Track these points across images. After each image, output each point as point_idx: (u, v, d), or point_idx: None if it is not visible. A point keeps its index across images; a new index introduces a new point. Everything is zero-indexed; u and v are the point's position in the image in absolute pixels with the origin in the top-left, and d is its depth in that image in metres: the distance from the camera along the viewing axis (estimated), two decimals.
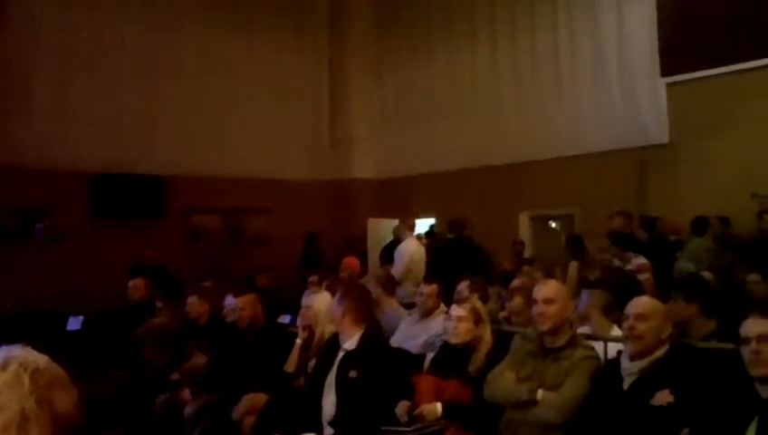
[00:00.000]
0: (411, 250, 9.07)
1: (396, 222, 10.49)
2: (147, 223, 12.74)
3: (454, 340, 4.35)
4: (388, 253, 10.01)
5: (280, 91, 14.50)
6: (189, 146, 13.25)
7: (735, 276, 6.99)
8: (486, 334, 4.38)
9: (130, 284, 7.41)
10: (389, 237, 10.78)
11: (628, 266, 7.86)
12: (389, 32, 15.26)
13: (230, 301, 5.96)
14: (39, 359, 1.54)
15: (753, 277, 6.45)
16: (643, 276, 7.64)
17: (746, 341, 2.99)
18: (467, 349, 4.32)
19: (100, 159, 12.46)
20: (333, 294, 5.00)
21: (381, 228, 12.50)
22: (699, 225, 9.15)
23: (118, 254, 10.73)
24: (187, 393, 5.75)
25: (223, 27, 13.82)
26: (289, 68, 14.79)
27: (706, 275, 6.40)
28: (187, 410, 5.53)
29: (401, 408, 4.20)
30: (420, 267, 8.83)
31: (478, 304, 4.54)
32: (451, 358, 4.37)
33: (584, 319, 4.72)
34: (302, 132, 14.92)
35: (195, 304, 6.50)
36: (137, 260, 9.48)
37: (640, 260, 7.91)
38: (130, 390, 6.04)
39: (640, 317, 3.55)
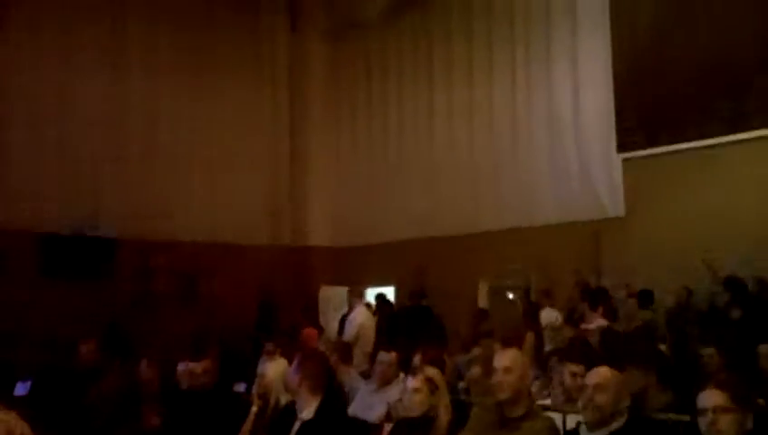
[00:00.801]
0: (360, 319, 9.15)
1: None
2: (97, 284, 12.42)
3: (411, 413, 4.29)
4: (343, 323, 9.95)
5: (237, 157, 14.48)
6: (142, 208, 13.05)
7: (690, 348, 7.03)
8: (444, 401, 4.32)
9: (81, 348, 7.20)
10: (344, 306, 10.68)
11: (589, 326, 7.92)
12: (348, 107, 15.63)
13: (184, 366, 5.81)
14: (19, 424, 1.55)
15: (707, 351, 6.44)
16: None
17: (703, 412, 3.01)
18: (427, 420, 4.25)
19: (50, 219, 12.26)
20: (290, 361, 4.90)
21: (334, 296, 12.47)
22: (644, 297, 9.13)
23: (66, 314, 10.54)
24: None
25: (179, 89, 13.90)
26: (247, 134, 14.84)
27: (662, 347, 6.43)
28: None
29: None
30: (370, 337, 8.81)
31: (432, 372, 4.49)
32: (410, 429, 4.30)
33: None
34: (257, 198, 14.83)
35: (144, 369, 6.34)
36: (86, 321, 9.29)
37: (601, 322, 7.97)
38: None
39: (598, 388, 3.55)
